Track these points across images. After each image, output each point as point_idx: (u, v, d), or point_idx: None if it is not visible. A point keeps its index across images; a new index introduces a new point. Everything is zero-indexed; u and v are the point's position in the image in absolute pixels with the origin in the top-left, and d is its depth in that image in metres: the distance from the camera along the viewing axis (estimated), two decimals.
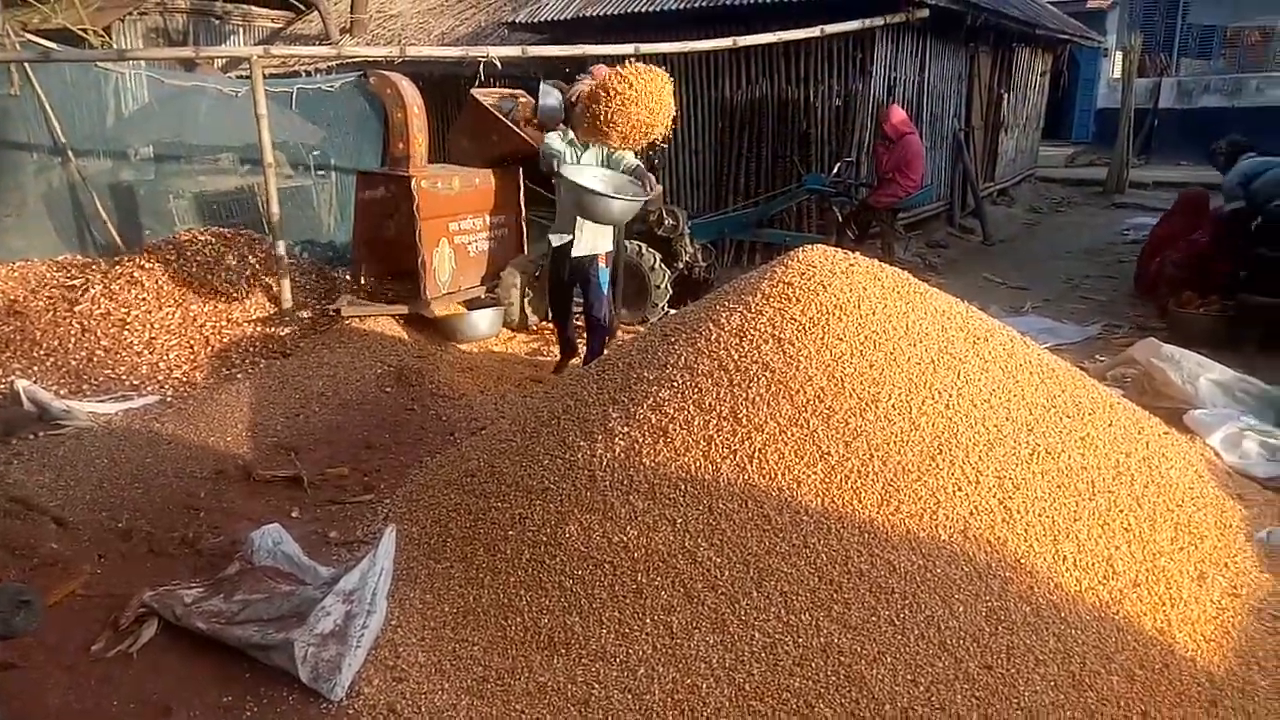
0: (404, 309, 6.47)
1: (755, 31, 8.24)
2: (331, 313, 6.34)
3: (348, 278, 7.06)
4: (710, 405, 3.07)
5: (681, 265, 7.14)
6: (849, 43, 8.47)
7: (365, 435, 4.91)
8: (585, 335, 5.98)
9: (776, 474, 2.84)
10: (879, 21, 7.96)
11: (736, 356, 3.18)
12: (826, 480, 2.81)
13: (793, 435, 2.92)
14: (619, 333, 6.65)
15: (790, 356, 3.12)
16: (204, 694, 2.67)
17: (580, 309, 6.03)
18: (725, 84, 9.07)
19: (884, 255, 7.27)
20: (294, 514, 3.94)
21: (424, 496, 3.79)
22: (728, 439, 2.96)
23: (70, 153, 8.06)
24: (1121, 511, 2.91)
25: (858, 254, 3.68)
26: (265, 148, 6.38)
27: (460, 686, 2.65)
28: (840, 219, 7.19)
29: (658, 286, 6.89)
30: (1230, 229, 6.42)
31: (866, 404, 2.97)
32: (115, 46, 11.81)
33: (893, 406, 2.97)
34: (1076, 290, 8.21)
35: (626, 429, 3.16)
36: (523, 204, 7.25)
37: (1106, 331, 6.74)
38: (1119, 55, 19.18)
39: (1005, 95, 12.39)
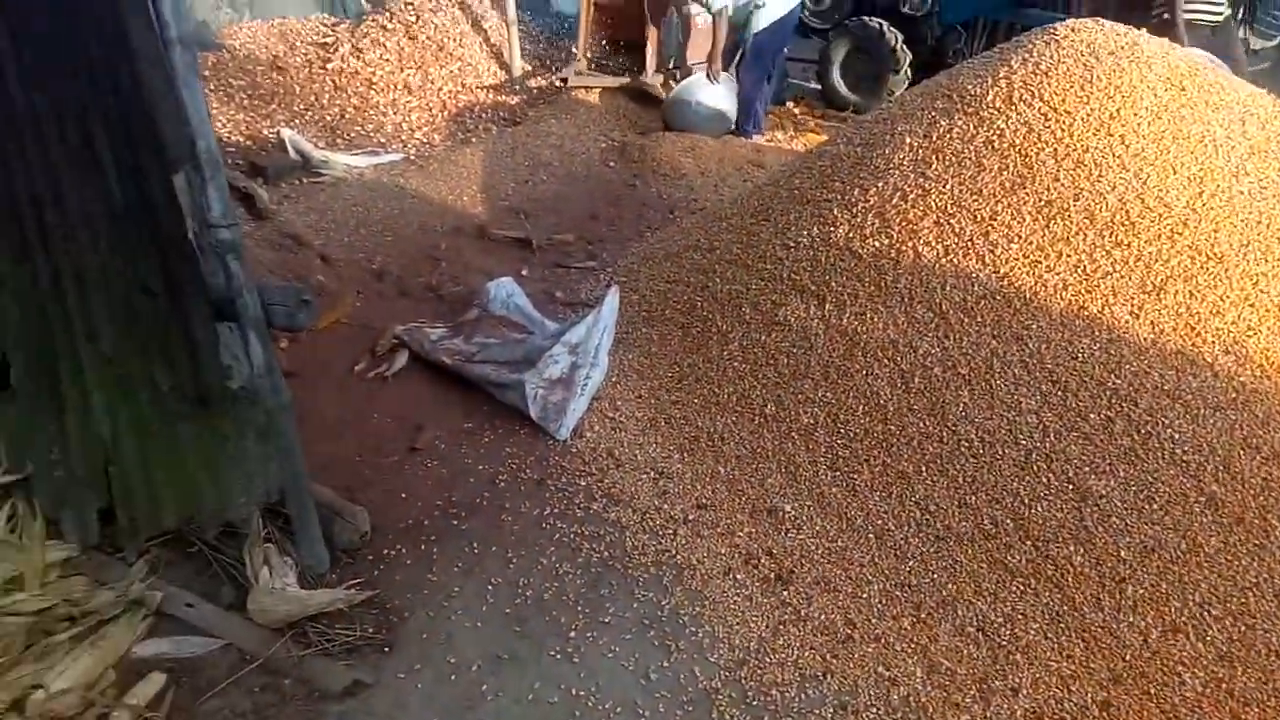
0: (628, 82, 6.38)
1: None
2: (558, 82, 6.35)
3: (574, 49, 7.00)
4: (942, 196, 2.86)
5: (927, 49, 6.52)
6: None
7: (589, 206, 5.02)
8: None
9: (1013, 271, 2.65)
10: None
11: (975, 144, 2.91)
12: (1071, 281, 2.59)
13: (1036, 233, 2.69)
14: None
15: (1041, 144, 2.81)
16: (449, 416, 2.98)
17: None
18: None
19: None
20: (524, 272, 4.16)
21: (645, 267, 3.87)
22: (960, 232, 2.77)
23: None
24: None
25: (1142, 32, 3.19)
26: None
27: (673, 442, 2.80)
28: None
29: (896, 71, 6.37)
30: None
31: (1129, 204, 2.66)
32: None
33: (1162, 209, 2.65)
34: None
35: (849, 215, 3.02)
36: None
37: None
38: None
39: None
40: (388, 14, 6.99)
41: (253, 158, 5.42)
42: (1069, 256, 2.62)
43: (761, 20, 5.56)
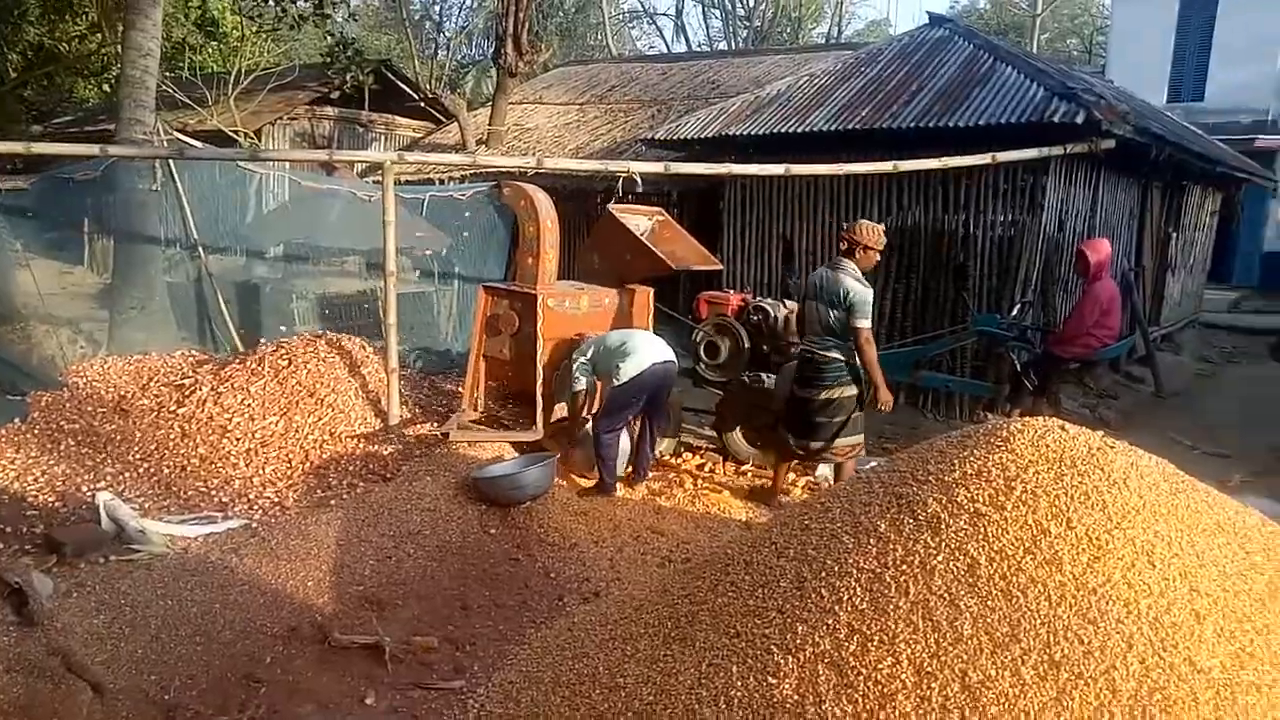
0: (518, 437, 5.87)
1: (914, 156, 7.61)
2: (440, 436, 5.79)
3: (460, 391, 6.55)
4: (915, 648, 2.22)
5: None
6: (1017, 172, 7.74)
7: (461, 590, 4.22)
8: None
9: None
10: (1057, 150, 7.21)
11: (944, 576, 2.34)
12: None
13: (1047, 709, 2.04)
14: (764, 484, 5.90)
15: (1028, 582, 2.27)
16: None
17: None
18: (875, 209, 8.42)
19: (1049, 407, 6.33)
20: (368, 700, 3.24)
21: (526, 697, 3.03)
22: (946, 702, 2.11)
23: (201, 249, 8.02)
24: None
25: (1104, 435, 2.83)
26: (389, 254, 6.04)
27: None
28: (1017, 367, 6.28)
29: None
30: None
31: (1153, 670, 2.07)
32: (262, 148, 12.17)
33: (1196, 675, 2.07)
34: None
35: (796, 663, 2.34)
36: (651, 326, 6.65)
37: None
38: None
39: (1174, 234, 11.34)
40: (257, 357, 6.45)
41: (54, 528, 4.48)
42: None
43: (623, 375, 5.29)
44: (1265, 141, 17.59)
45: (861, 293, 5.04)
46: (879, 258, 5.26)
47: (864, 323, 5.04)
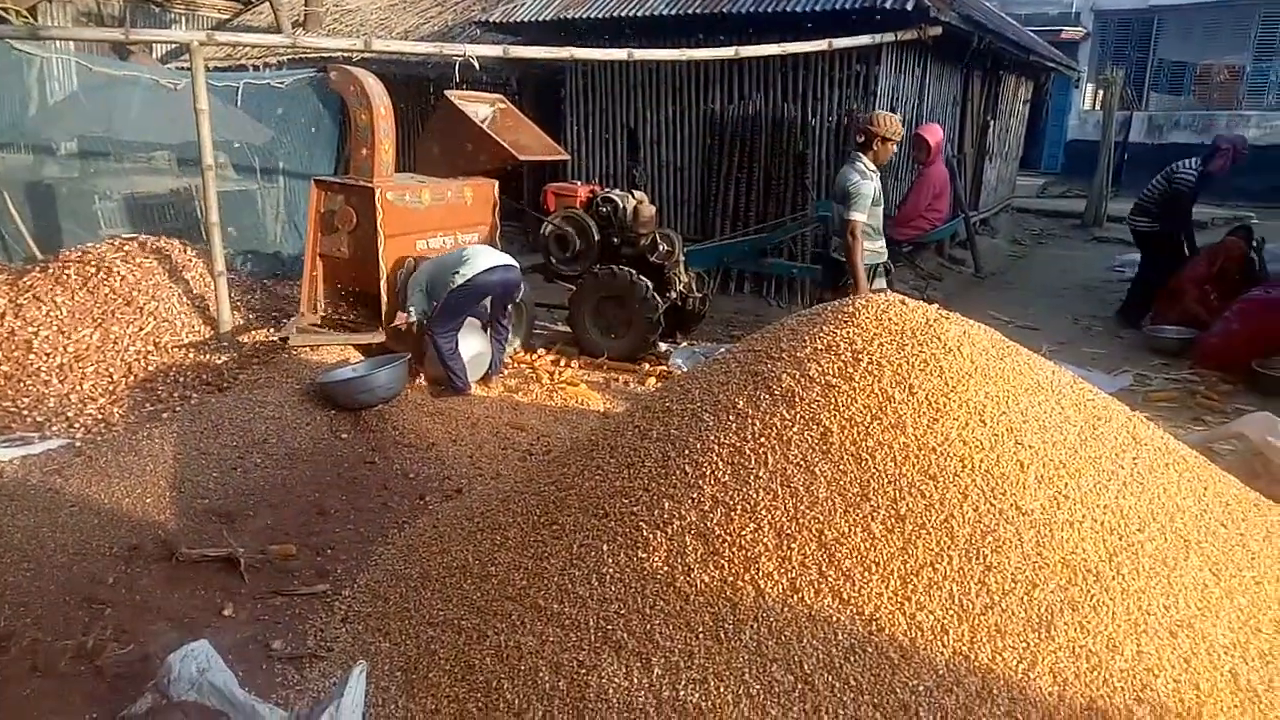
0: (362, 338, 5.65)
1: (750, 42, 7.60)
2: (279, 341, 5.49)
3: (297, 293, 6.21)
4: (775, 512, 2.36)
5: (674, 295, 6.44)
6: (851, 60, 7.90)
7: (317, 496, 4.09)
8: None
9: (880, 612, 2.13)
10: (890, 37, 7.39)
11: (800, 446, 2.47)
12: (949, 622, 2.11)
13: (895, 558, 2.22)
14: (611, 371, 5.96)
15: (875, 445, 2.43)
16: None
17: None
18: (717, 97, 8.43)
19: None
20: (226, 611, 3.12)
21: (396, 595, 3.01)
22: (805, 560, 2.25)
23: None
24: None
25: (936, 307, 3.02)
26: (205, 147, 5.53)
27: None
28: None
29: (649, 319, 6.18)
30: None
31: (985, 514, 2.29)
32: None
33: (1021, 517, 2.29)
34: (1088, 332, 7.71)
35: (664, 537, 2.43)
36: (497, 220, 6.49)
37: (1138, 382, 6.21)
38: (1090, 87, 19.12)
39: (991, 122, 12.00)
40: (60, 264, 5.84)
41: None
42: (939, 587, 2.15)
43: (458, 280, 5.20)
44: (1070, 33, 18.73)
45: (858, 183, 4.93)
46: (896, 149, 5.14)
47: (856, 215, 4.92)
